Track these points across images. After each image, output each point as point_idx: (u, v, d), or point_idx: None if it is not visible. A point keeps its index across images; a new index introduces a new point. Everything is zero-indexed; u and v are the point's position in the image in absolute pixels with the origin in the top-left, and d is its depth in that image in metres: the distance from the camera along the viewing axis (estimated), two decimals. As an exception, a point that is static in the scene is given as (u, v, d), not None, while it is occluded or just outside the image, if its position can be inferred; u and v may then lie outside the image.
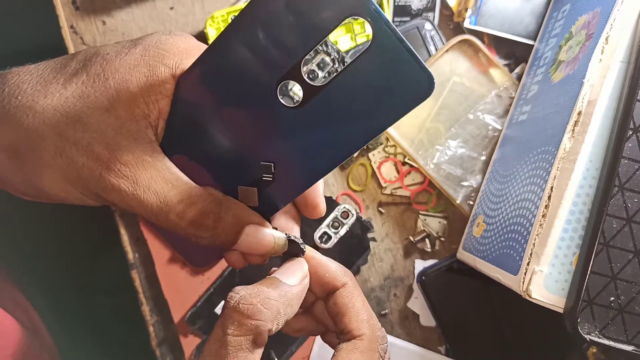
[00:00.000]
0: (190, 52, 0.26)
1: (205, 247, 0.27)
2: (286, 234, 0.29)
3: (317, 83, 0.25)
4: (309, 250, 0.29)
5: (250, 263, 0.30)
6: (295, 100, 0.26)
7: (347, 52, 0.46)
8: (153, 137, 0.26)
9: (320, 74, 0.42)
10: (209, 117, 0.26)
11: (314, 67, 0.44)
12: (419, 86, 0.24)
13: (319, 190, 0.30)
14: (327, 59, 0.38)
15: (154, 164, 0.26)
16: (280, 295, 0.26)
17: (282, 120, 0.25)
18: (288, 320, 0.27)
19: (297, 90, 0.26)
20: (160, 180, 0.26)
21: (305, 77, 0.25)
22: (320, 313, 0.31)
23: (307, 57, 0.26)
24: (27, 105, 0.25)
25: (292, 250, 0.29)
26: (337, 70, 0.25)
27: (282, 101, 0.25)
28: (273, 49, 0.24)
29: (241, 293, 0.25)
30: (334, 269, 0.29)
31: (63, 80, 0.26)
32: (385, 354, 0.28)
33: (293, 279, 0.27)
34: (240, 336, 0.24)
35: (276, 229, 0.28)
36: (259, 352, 0.25)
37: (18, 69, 0.27)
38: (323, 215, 0.30)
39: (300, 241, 0.29)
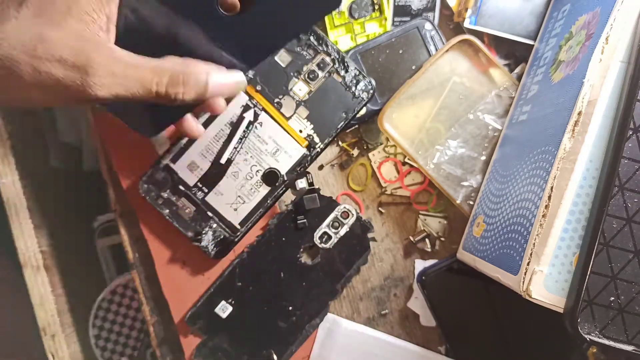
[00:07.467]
0: None
1: (162, 111, 0.35)
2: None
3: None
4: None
5: (213, 112, 0.35)
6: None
7: (347, 52, 0.46)
8: (107, 38, 0.30)
9: (321, 74, 0.44)
10: (154, 19, 0.32)
11: (314, 67, 0.46)
12: None
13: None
14: (327, 59, 0.44)
15: (120, 58, 0.30)
16: None
17: (222, 25, 0.34)
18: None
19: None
20: (132, 67, 0.30)
21: None
22: None
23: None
24: None
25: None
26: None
27: (221, 11, 0.34)
28: None
29: None
30: None
31: (15, 5, 0.28)
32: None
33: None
34: None
35: None
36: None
37: None
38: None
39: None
